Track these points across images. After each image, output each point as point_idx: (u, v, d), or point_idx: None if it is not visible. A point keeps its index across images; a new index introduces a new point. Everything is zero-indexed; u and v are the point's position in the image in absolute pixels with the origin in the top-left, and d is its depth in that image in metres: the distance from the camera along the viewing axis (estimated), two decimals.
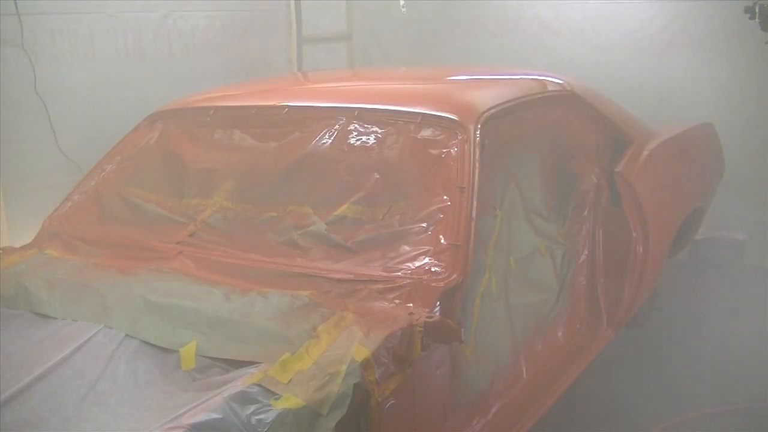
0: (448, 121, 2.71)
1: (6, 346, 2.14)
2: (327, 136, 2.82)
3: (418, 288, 2.30)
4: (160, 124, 3.24)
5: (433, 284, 2.31)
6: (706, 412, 3.47)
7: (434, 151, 2.65)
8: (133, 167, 3.14)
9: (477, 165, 2.57)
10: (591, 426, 3.41)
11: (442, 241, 2.42)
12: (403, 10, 5.90)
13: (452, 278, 2.33)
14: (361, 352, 2.00)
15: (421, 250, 2.42)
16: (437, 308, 2.27)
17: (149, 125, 3.27)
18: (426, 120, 2.74)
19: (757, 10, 4.25)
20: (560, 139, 3.38)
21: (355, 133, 2.80)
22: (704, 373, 3.79)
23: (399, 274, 2.36)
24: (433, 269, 2.35)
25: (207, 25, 5.07)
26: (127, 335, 2.13)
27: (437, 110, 2.78)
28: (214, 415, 1.75)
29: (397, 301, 2.27)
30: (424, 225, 2.48)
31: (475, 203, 2.49)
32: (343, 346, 2.02)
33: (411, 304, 2.25)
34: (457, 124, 2.68)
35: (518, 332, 2.93)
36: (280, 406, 1.81)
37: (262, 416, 1.78)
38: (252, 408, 1.79)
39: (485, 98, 2.92)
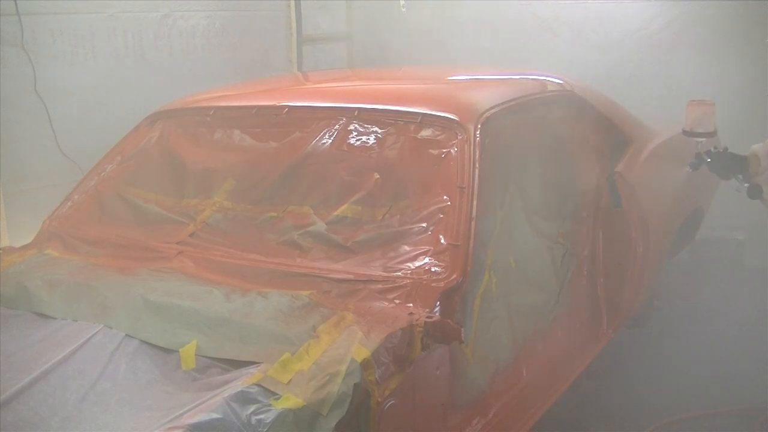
0: (448, 121, 2.71)
1: (6, 346, 2.13)
2: (327, 136, 2.82)
3: (418, 288, 2.29)
4: (160, 124, 3.23)
5: (433, 284, 2.31)
6: (706, 412, 3.47)
7: (434, 151, 2.65)
8: (133, 167, 3.14)
9: (477, 165, 2.57)
10: (591, 426, 3.41)
11: (442, 241, 2.42)
12: (403, 9, 5.90)
13: (452, 278, 2.33)
14: (361, 352, 2.00)
15: (421, 250, 2.41)
16: (437, 308, 2.27)
17: (149, 125, 3.27)
18: (426, 120, 2.74)
19: (707, 159, 3.35)
20: (560, 139, 3.37)
21: (355, 133, 2.80)
22: (704, 373, 3.78)
23: (399, 274, 2.36)
24: (433, 269, 2.35)
25: (207, 25, 5.06)
26: (127, 335, 2.13)
27: (437, 110, 2.77)
28: (214, 415, 1.75)
29: (397, 301, 2.27)
30: (424, 225, 2.48)
31: (475, 203, 2.49)
32: (343, 346, 2.02)
33: (411, 304, 2.25)
34: (457, 124, 2.68)
35: (518, 332, 2.92)
36: (280, 406, 1.81)
37: (262, 416, 1.78)
38: (252, 408, 1.79)
39: (485, 98, 2.92)
